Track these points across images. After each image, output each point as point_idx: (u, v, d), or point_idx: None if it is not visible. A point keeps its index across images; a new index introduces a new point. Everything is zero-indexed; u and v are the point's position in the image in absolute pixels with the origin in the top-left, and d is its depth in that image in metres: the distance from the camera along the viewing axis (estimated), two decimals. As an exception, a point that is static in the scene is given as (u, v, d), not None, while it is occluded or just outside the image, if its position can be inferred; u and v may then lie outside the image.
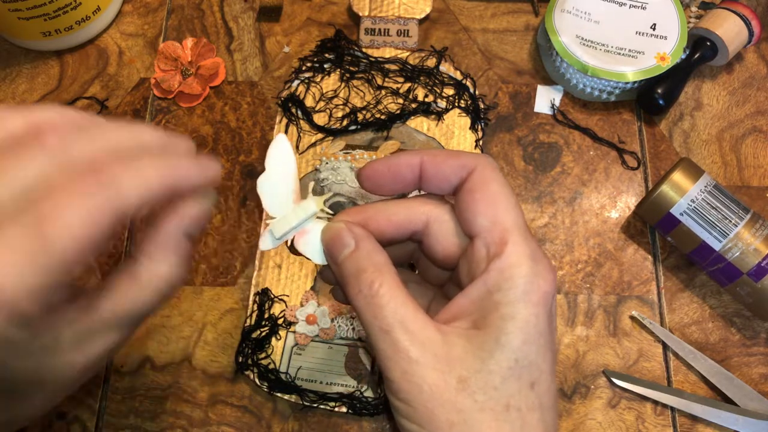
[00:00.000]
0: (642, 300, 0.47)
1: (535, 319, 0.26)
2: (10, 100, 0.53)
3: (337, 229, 0.29)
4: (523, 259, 0.27)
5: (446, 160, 0.29)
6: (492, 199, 0.28)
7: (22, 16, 0.50)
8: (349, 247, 0.28)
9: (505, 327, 0.26)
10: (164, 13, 0.56)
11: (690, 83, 0.53)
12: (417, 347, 0.26)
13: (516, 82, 0.53)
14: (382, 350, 0.26)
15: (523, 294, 0.26)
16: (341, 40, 0.54)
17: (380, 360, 0.27)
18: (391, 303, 0.27)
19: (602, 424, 0.44)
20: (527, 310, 0.26)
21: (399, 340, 0.26)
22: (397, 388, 0.26)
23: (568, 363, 0.46)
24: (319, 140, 0.51)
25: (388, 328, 0.26)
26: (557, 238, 0.49)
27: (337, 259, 0.29)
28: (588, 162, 0.51)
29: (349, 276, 0.28)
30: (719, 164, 0.51)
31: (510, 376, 0.26)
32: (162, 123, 0.52)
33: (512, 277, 0.26)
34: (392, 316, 0.26)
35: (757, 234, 0.44)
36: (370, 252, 0.28)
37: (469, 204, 0.28)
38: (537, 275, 0.26)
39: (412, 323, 0.26)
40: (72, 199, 0.21)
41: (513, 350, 0.26)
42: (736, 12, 0.51)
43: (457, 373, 0.26)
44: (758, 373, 0.45)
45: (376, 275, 0.27)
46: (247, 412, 0.45)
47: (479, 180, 0.28)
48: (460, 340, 0.26)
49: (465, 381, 0.26)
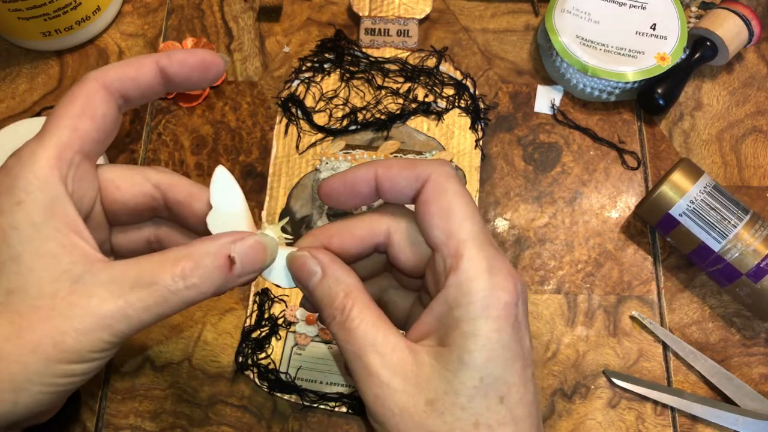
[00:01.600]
0: (642, 300, 0.47)
1: (497, 334, 0.25)
2: (10, 100, 0.53)
3: (302, 258, 0.29)
4: (480, 273, 0.26)
5: (400, 171, 0.29)
6: (445, 211, 0.27)
7: (22, 16, 0.50)
8: (317, 275, 0.28)
9: (467, 345, 0.25)
10: (164, 13, 0.56)
11: (690, 83, 0.53)
12: (387, 370, 0.26)
13: (516, 82, 0.53)
14: (356, 373, 0.26)
15: (483, 309, 0.25)
16: (341, 40, 0.54)
17: (356, 384, 0.27)
18: (361, 326, 0.27)
19: (602, 424, 0.44)
20: (488, 326, 0.25)
21: (370, 363, 0.26)
22: (371, 412, 0.26)
23: (568, 363, 0.46)
24: (319, 140, 0.51)
25: (359, 351, 0.26)
26: (557, 238, 0.49)
27: (307, 287, 0.29)
28: (588, 162, 0.51)
29: (321, 303, 0.28)
30: (719, 164, 0.51)
31: (476, 395, 0.25)
32: (162, 123, 0.52)
33: (470, 292, 0.26)
34: (363, 339, 0.26)
35: (757, 235, 0.44)
36: (338, 277, 0.28)
37: (424, 216, 0.28)
38: (495, 287, 0.26)
39: (382, 345, 0.26)
40: None
41: (477, 368, 0.25)
42: (736, 12, 0.51)
43: (425, 395, 0.26)
44: (758, 373, 0.45)
45: (347, 300, 0.27)
46: (247, 412, 0.45)
47: (433, 190, 0.28)
48: (429, 358, 0.26)
49: (433, 403, 0.25)
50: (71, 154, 0.26)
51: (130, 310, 0.25)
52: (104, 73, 0.27)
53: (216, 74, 0.29)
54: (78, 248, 0.25)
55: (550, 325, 0.47)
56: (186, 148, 0.52)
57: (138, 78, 0.28)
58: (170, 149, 0.52)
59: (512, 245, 0.49)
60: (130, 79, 0.28)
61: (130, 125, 0.52)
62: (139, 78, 0.28)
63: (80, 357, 0.25)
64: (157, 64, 0.28)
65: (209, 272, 0.26)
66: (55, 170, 0.25)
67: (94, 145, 0.27)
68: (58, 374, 0.24)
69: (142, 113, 0.53)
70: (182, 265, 0.26)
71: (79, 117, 0.26)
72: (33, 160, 0.25)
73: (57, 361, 0.24)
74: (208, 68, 0.29)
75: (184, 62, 0.28)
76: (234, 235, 0.27)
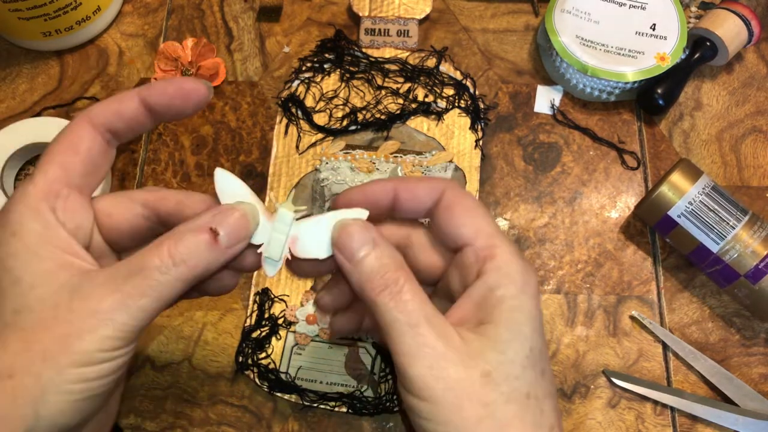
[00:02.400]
0: (642, 300, 0.47)
1: (535, 310, 0.28)
2: (10, 100, 0.53)
3: (355, 227, 0.29)
4: (515, 258, 0.28)
5: (418, 183, 0.31)
6: (470, 212, 0.30)
7: (22, 16, 0.50)
8: (369, 245, 0.29)
9: (516, 318, 0.27)
10: (164, 14, 0.56)
11: (690, 83, 0.53)
12: (442, 341, 0.26)
13: (516, 82, 0.53)
14: (407, 345, 0.26)
15: (523, 287, 0.28)
16: (341, 40, 0.54)
17: (401, 357, 0.26)
18: (416, 299, 0.27)
19: (602, 424, 0.44)
20: (530, 302, 0.28)
21: (425, 334, 0.26)
22: (420, 386, 0.26)
23: (568, 363, 0.46)
24: (319, 140, 0.51)
25: (415, 322, 0.27)
26: (557, 238, 0.49)
27: (355, 257, 0.28)
28: (588, 162, 0.51)
29: (370, 273, 0.28)
30: (719, 164, 0.51)
31: (528, 365, 0.27)
32: (162, 123, 0.52)
33: (510, 274, 0.28)
34: (418, 311, 0.27)
35: (756, 236, 0.44)
36: (390, 249, 0.29)
37: (450, 218, 0.30)
38: (527, 271, 0.28)
39: (435, 319, 0.27)
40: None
41: (528, 339, 0.27)
42: (736, 12, 0.51)
43: (480, 367, 0.26)
44: (758, 373, 0.45)
45: (401, 272, 0.28)
46: (247, 412, 0.45)
47: (453, 197, 0.30)
48: (474, 335, 0.27)
49: (489, 374, 0.26)
50: (59, 187, 0.28)
51: (128, 300, 0.26)
52: (90, 110, 0.29)
53: (198, 101, 0.29)
54: (74, 265, 0.27)
55: (550, 325, 0.47)
56: (186, 148, 0.52)
57: (121, 111, 0.29)
58: (170, 149, 0.52)
59: (512, 245, 0.49)
60: (113, 113, 0.29)
61: (131, 125, 0.52)
62: (122, 111, 0.29)
63: (90, 359, 0.25)
64: (138, 96, 0.29)
65: (194, 246, 0.27)
66: (44, 203, 0.27)
67: (81, 178, 0.29)
68: (71, 380, 0.25)
69: (142, 113, 0.53)
70: (166, 245, 0.27)
71: (64, 153, 0.28)
72: (24, 196, 0.27)
73: (68, 365, 0.25)
74: (187, 96, 0.29)
75: (164, 91, 0.29)
76: (213, 210, 0.28)
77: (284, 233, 0.29)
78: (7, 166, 0.49)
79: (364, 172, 0.50)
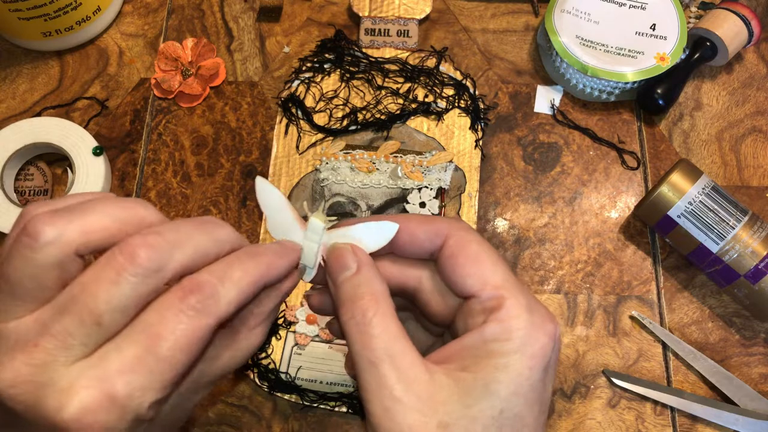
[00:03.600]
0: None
1: (528, 371, 0.26)
2: (10, 101, 0.53)
3: (342, 250, 0.29)
4: (521, 311, 0.26)
5: (419, 225, 0.29)
6: (475, 260, 0.28)
7: (22, 16, 0.50)
8: (350, 270, 0.28)
9: (495, 375, 0.25)
10: (164, 14, 0.56)
11: (690, 83, 0.53)
12: (402, 385, 0.25)
13: (516, 82, 0.53)
14: (366, 382, 0.26)
15: (521, 346, 0.26)
16: (341, 40, 0.54)
17: (363, 392, 0.26)
18: (382, 335, 0.26)
19: (602, 423, 0.44)
20: (522, 362, 0.26)
21: (385, 375, 0.25)
22: (376, 423, 0.25)
23: (568, 363, 0.46)
24: (319, 140, 0.51)
25: (375, 360, 0.26)
26: (557, 238, 0.49)
27: (336, 279, 0.29)
28: (588, 162, 0.51)
29: (344, 299, 0.28)
30: (719, 164, 0.51)
31: (492, 426, 0.25)
32: (162, 123, 0.52)
33: (510, 329, 0.26)
34: (382, 349, 0.26)
35: (755, 236, 0.44)
36: (369, 279, 0.28)
37: (454, 269, 0.28)
38: (535, 327, 0.26)
39: (400, 359, 0.26)
40: (179, 317, 0.23)
41: (500, 399, 0.25)
42: (736, 12, 0.51)
43: (438, 417, 0.25)
44: (758, 373, 0.45)
45: (371, 303, 0.27)
46: (247, 412, 0.45)
47: (456, 244, 0.28)
48: (448, 380, 0.26)
49: (446, 427, 0.25)
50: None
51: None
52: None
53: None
54: None
55: (550, 325, 0.47)
56: (186, 148, 0.52)
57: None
58: (170, 149, 0.52)
59: (512, 245, 0.49)
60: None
61: (131, 125, 0.52)
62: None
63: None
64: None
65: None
66: None
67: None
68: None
69: (142, 113, 0.53)
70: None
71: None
72: None
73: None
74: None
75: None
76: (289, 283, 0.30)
77: (316, 242, 0.30)
78: (7, 166, 0.49)
79: (364, 172, 0.50)
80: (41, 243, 0.23)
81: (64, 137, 0.49)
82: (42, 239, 0.23)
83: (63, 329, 0.23)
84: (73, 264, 0.24)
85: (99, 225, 0.25)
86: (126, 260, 0.23)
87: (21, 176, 0.50)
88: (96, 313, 0.23)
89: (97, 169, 0.49)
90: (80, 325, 0.23)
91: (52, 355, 0.23)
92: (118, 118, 0.53)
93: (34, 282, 0.24)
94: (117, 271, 0.23)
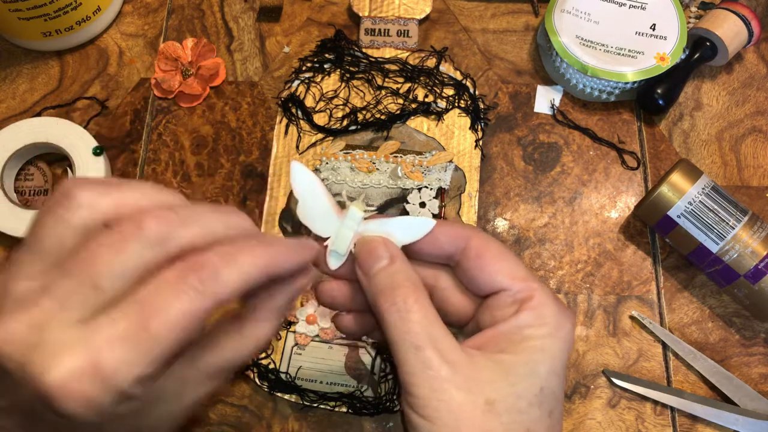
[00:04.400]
0: (642, 300, 0.47)
1: (560, 353, 0.28)
2: (10, 101, 0.53)
3: (374, 242, 0.30)
4: (551, 300, 0.29)
5: (441, 229, 0.31)
6: (502, 258, 0.30)
7: (22, 16, 0.50)
8: (384, 260, 0.29)
9: (535, 356, 0.28)
10: (164, 14, 0.56)
11: (690, 83, 0.53)
12: (448, 366, 0.27)
13: (516, 82, 0.53)
14: (411, 365, 0.27)
15: (554, 329, 0.28)
16: (341, 40, 0.54)
17: (406, 375, 0.27)
18: (424, 320, 0.27)
19: (602, 423, 0.44)
20: (556, 345, 0.28)
21: (431, 357, 0.27)
22: (422, 404, 0.26)
23: (568, 363, 0.46)
24: (319, 140, 0.51)
25: (420, 344, 0.27)
26: (557, 238, 0.49)
27: (370, 270, 0.29)
28: (588, 162, 0.51)
29: (382, 289, 0.29)
30: (719, 164, 0.51)
31: (534, 403, 0.27)
32: (162, 123, 0.52)
33: (543, 316, 0.28)
34: (425, 333, 0.27)
35: (755, 236, 0.44)
36: (406, 268, 0.29)
37: (483, 267, 0.30)
38: (563, 315, 0.29)
39: (442, 343, 0.27)
40: (176, 294, 0.23)
41: (541, 378, 0.27)
42: (736, 12, 0.51)
43: (485, 394, 0.27)
44: (758, 373, 0.45)
45: (411, 291, 0.28)
46: (247, 412, 0.45)
47: (482, 245, 0.30)
48: (489, 362, 0.27)
49: (493, 403, 0.26)
50: None
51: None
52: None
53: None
54: None
55: (550, 325, 0.47)
56: (186, 148, 0.52)
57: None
58: (170, 149, 0.52)
59: (512, 245, 0.49)
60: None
61: (131, 125, 0.52)
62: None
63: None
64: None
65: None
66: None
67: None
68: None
69: (142, 113, 0.53)
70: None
71: None
72: None
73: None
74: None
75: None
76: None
77: (352, 230, 0.31)
78: (7, 166, 0.49)
79: (364, 172, 0.50)
80: (75, 204, 0.24)
81: (64, 137, 0.49)
82: (76, 201, 0.24)
83: (63, 291, 0.23)
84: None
85: (132, 200, 0.25)
86: (133, 228, 0.23)
87: (21, 176, 0.50)
88: (95, 277, 0.23)
89: (97, 169, 0.49)
90: (78, 287, 0.23)
91: (49, 315, 0.22)
92: (118, 118, 0.53)
93: (57, 242, 0.24)
94: (122, 238, 0.23)
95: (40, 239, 0.24)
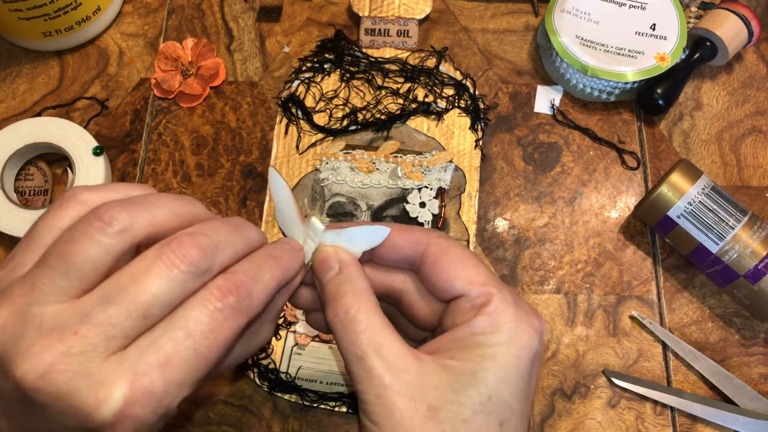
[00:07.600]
0: (642, 300, 0.47)
1: (515, 361, 0.27)
2: (10, 101, 0.53)
3: (326, 252, 0.30)
4: (508, 306, 0.28)
5: (399, 234, 0.31)
6: (460, 263, 0.29)
7: (22, 16, 0.50)
8: (333, 270, 0.30)
9: (483, 364, 0.27)
10: (164, 14, 0.56)
11: (690, 83, 0.53)
12: (390, 374, 0.27)
13: (516, 82, 0.53)
14: (357, 375, 0.27)
15: (508, 338, 0.27)
16: (341, 40, 0.54)
17: (356, 385, 0.27)
18: (367, 330, 0.27)
19: (602, 423, 0.44)
20: (509, 352, 0.27)
21: (373, 365, 0.27)
22: (370, 410, 0.27)
23: (568, 363, 0.46)
24: (319, 140, 0.51)
25: (362, 354, 0.27)
26: (557, 238, 0.49)
27: (322, 279, 0.30)
28: (588, 162, 0.51)
29: (329, 299, 0.29)
30: (719, 164, 0.51)
31: (480, 412, 0.26)
32: (162, 123, 0.52)
33: (498, 323, 0.28)
34: (367, 343, 0.27)
35: (755, 236, 0.44)
36: (352, 278, 0.29)
37: (440, 273, 0.30)
38: (522, 320, 0.28)
39: (387, 350, 0.27)
40: (218, 315, 0.24)
41: (488, 387, 0.27)
42: (736, 12, 0.51)
43: (428, 401, 0.26)
44: (758, 373, 0.45)
45: (354, 301, 0.28)
46: (247, 412, 0.45)
47: (439, 251, 0.30)
48: (436, 368, 0.27)
49: (435, 410, 0.26)
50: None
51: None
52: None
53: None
54: None
55: (550, 325, 0.47)
56: (186, 148, 0.52)
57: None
58: (170, 149, 0.52)
59: (512, 245, 0.49)
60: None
61: (131, 125, 0.52)
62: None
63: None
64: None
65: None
66: None
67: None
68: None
69: (142, 113, 0.53)
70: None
71: None
72: None
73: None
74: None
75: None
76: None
77: (315, 241, 0.31)
78: (7, 166, 0.49)
79: (364, 172, 0.50)
80: (115, 229, 0.24)
81: (64, 137, 0.49)
82: (116, 226, 0.24)
83: (106, 319, 0.23)
84: (129, 256, 0.25)
85: (164, 219, 0.26)
86: (179, 258, 0.24)
87: (21, 176, 0.50)
88: (145, 306, 0.23)
89: (97, 169, 0.49)
90: (127, 316, 0.23)
91: (92, 344, 0.23)
92: (118, 118, 0.53)
93: (93, 266, 0.24)
94: (169, 267, 0.24)
95: (74, 262, 0.24)
